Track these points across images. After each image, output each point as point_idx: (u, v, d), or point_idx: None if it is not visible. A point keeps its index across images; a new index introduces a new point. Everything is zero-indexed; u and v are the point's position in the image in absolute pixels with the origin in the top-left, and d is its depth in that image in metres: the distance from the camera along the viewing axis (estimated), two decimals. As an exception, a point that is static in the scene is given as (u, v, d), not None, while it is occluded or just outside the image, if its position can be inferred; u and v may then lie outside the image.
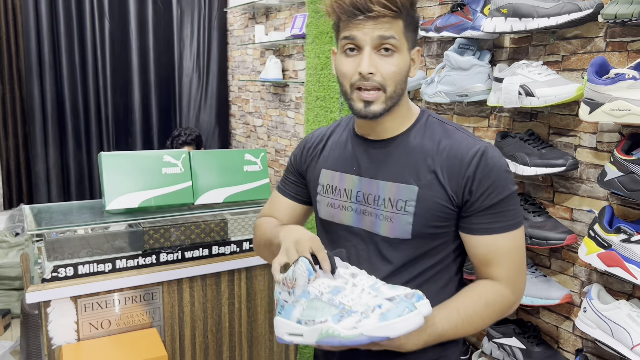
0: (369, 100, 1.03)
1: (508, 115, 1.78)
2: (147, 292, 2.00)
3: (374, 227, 1.11)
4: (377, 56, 1.01)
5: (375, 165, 1.11)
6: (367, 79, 1.01)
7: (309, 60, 2.64)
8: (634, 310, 1.36)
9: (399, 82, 1.04)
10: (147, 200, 2.08)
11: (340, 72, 1.05)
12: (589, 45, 1.51)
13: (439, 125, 1.11)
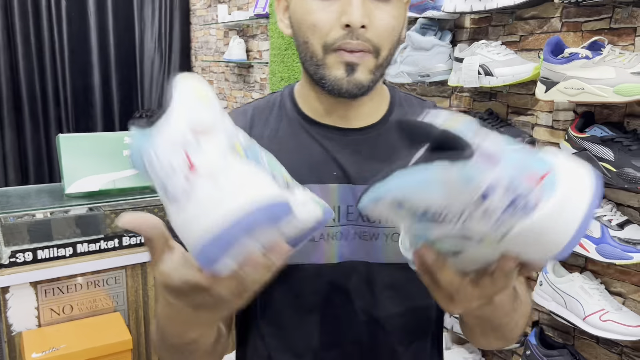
0: (353, 62, 0.69)
1: (468, 95, 1.81)
2: (110, 277, 1.97)
3: (372, 255, 0.76)
4: (370, 1, 0.68)
5: (367, 165, 0.76)
6: (357, 35, 0.67)
7: (272, 40, 2.62)
8: (586, 282, 1.42)
9: (394, 43, 0.73)
10: (108, 183, 2.04)
11: (309, 25, 0.69)
12: (546, 25, 1.54)
13: (415, 101, 0.87)
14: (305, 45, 0.71)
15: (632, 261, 1.28)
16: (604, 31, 1.40)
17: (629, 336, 1.31)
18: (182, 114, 0.42)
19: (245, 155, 0.43)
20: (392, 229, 0.76)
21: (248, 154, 0.44)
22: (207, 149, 0.41)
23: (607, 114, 1.42)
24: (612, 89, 1.26)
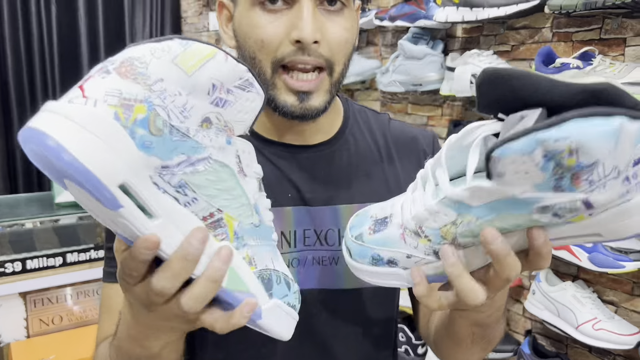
0: (307, 90, 0.64)
1: (460, 104, 1.82)
2: (100, 287, 1.95)
3: (332, 281, 0.72)
4: (320, 13, 0.63)
5: (324, 184, 0.72)
6: (310, 51, 0.62)
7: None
8: (579, 291, 1.42)
9: (348, 56, 0.67)
10: (98, 192, 2.03)
11: (256, 40, 0.63)
12: (537, 35, 1.56)
13: (370, 114, 0.81)
14: (253, 61, 0.64)
15: (624, 270, 1.28)
16: (594, 41, 1.42)
17: (621, 345, 1.32)
18: (145, 48, 0.44)
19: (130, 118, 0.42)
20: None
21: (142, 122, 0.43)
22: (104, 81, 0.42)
23: (598, 124, 1.43)
24: (603, 99, 1.27)
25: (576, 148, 0.38)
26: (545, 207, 0.43)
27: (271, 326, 0.51)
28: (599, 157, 0.39)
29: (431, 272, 0.52)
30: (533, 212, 0.44)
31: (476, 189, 0.44)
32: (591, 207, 0.42)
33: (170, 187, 0.44)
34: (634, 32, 1.33)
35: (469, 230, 0.47)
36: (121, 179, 0.40)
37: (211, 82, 0.45)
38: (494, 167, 0.42)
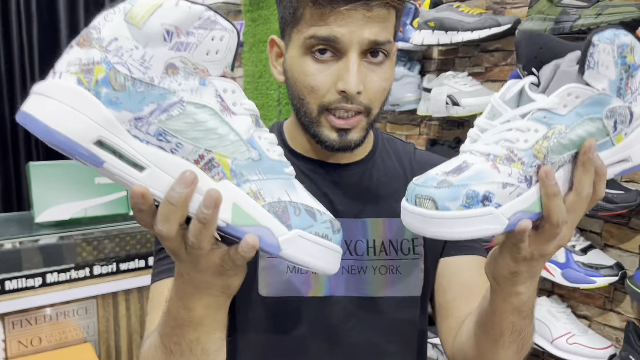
0: (346, 128, 0.71)
1: (437, 124, 1.87)
2: (81, 307, 1.94)
3: (360, 289, 0.77)
4: (364, 65, 0.70)
5: (354, 199, 0.79)
6: (352, 100, 0.69)
7: (246, 69, 2.65)
8: (554, 306, 1.46)
9: (384, 101, 0.75)
10: (79, 211, 2.02)
11: (306, 85, 0.70)
12: (510, 57, 1.61)
13: (398, 142, 0.89)
14: (301, 102, 0.72)
15: (595, 285, 1.32)
16: (564, 64, 1.47)
17: (594, 358, 1.35)
18: (100, 16, 0.48)
19: (90, 80, 0.46)
20: (379, 261, 0.78)
21: (102, 81, 0.47)
22: (66, 55, 0.47)
23: (569, 143, 1.48)
24: (572, 119, 1.32)
25: (634, 45, 0.52)
26: (612, 109, 0.53)
27: (297, 258, 0.51)
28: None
29: (521, 207, 0.52)
30: (604, 115, 0.53)
31: (572, 89, 0.51)
32: (632, 118, 0.54)
33: (151, 137, 0.46)
34: (601, 56, 1.39)
35: (559, 144, 0.52)
36: (95, 137, 0.44)
37: (164, 28, 0.46)
38: (591, 56, 0.50)
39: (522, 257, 0.55)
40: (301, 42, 0.70)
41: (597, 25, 1.27)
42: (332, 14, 0.66)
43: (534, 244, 0.54)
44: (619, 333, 1.39)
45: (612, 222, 1.40)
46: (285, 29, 0.74)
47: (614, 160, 0.55)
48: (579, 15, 1.31)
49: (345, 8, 0.65)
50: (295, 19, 0.70)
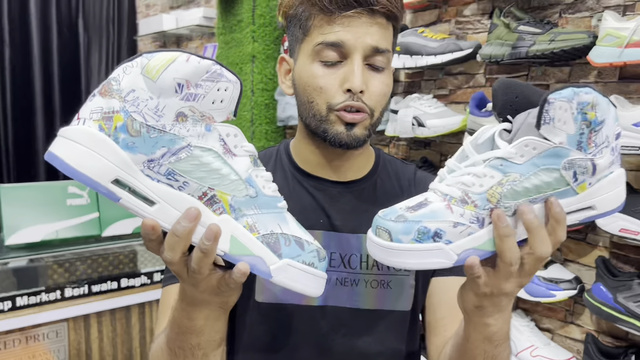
0: (353, 122, 0.77)
1: (405, 144, 1.92)
2: (51, 330, 1.92)
3: (353, 301, 0.82)
4: (367, 70, 0.78)
5: (352, 215, 0.84)
6: (356, 98, 0.77)
7: (219, 90, 2.68)
8: (518, 320, 1.50)
9: (385, 106, 0.82)
10: (51, 233, 2.01)
11: (314, 87, 0.78)
12: (472, 80, 1.68)
13: (398, 163, 0.95)
14: (311, 104, 0.79)
15: (555, 299, 1.37)
16: (522, 87, 1.54)
17: (557, 370, 1.40)
18: (119, 68, 0.56)
19: (110, 126, 0.54)
20: (371, 275, 0.82)
21: (121, 127, 0.54)
22: (88, 103, 0.55)
23: (529, 162, 1.54)
24: (530, 140, 1.38)
25: (596, 103, 0.54)
26: (571, 161, 0.56)
27: (286, 284, 0.59)
28: (605, 118, 0.55)
29: (472, 245, 0.57)
30: (562, 167, 0.56)
31: (529, 141, 0.56)
32: (595, 170, 0.57)
33: (161, 176, 0.54)
34: (556, 79, 1.46)
35: (513, 190, 0.56)
36: (113, 176, 0.52)
37: (176, 81, 0.53)
38: (547, 112, 0.54)
39: (483, 293, 0.60)
40: (310, 49, 0.78)
41: (550, 50, 1.34)
42: (339, 19, 0.75)
43: (492, 281, 0.59)
44: (579, 345, 1.44)
45: (570, 237, 1.45)
46: (294, 47, 0.83)
47: (577, 207, 0.58)
48: (534, 41, 1.38)
49: (350, 12, 0.74)
50: (305, 31, 0.79)
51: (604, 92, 1.33)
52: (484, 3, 1.64)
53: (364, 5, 0.74)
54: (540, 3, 1.48)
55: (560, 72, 1.45)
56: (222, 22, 2.60)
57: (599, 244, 1.39)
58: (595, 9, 1.36)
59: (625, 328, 1.22)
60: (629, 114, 1.19)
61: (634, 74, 1.30)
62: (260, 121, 2.47)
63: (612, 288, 1.25)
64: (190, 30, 3.33)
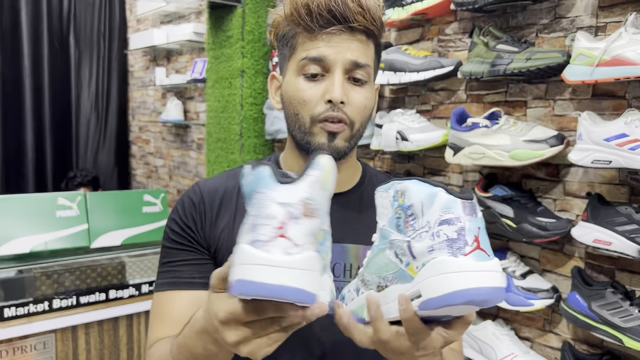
0: (334, 131, 0.83)
1: (390, 157, 1.97)
2: (39, 341, 1.93)
3: None
4: (348, 84, 0.83)
5: (338, 226, 0.84)
6: (337, 109, 0.82)
7: (209, 104, 2.72)
8: (498, 329, 1.54)
9: (366, 119, 0.87)
10: (39, 244, 2.02)
11: (299, 100, 0.83)
12: (453, 97, 1.74)
13: (380, 175, 1.00)
14: (296, 117, 0.85)
15: (533, 308, 1.42)
16: (501, 103, 1.60)
17: (535, 377, 1.44)
18: (307, 188, 0.55)
19: (319, 244, 0.56)
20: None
21: (322, 243, 0.58)
22: (300, 227, 0.54)
23: (508, 175, 1.59)
24: (508, 154, 1.43)
25: (404, 190, 0.59)
26: (391, 242, 0.60)
27: None
28: (413, 203, 0.58)
29: (351, 307, 0.67)
30: (386, 246, 0.61)
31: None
32: (412, 252, 0.58)
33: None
34: (533, 96, 1.52)
35: (370, 267, 0.66)
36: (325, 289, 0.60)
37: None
38: (376, 200, 0.64)
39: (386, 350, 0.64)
40: (295, 65, 0.84)
41: (527, 68, 1.40)
42: (321, 36, 0.81)
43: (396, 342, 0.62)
44: (557, 353, 1.48)
45: (548, 248, 1.50)
46: (283, 65, 0.88)
47: (413, 294, 0.58)
48: (511, 59, 1.44)
49: (331, 30, 0.80)
50: (291, 49, 0.85)
51: (578, 108, 1.39)
52: (465, 22, 1.70)
53: (344, 22, 0.79)
54: (518, 23, 1.55)
55: (537, 89, 1.51)
56: (212, 37, 2.65)
57: (575, 255, 1.44)
58: (570, 30, 1.43)
59: (599, 335, 1.27)
60: (601, 130, 1.25)
61: (605, 91, 1.36)
62: (249, 134, 2.51)
63: (586, 297, 1.30)
64: (180, 45, 3.38)
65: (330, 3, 0.79)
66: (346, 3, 0.79)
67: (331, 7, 0.79)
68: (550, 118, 1.48)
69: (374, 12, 0.81)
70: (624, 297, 1.25)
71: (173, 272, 0.86)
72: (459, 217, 0.54)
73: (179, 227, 0.88)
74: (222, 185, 0.91)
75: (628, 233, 1.21)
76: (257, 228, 0.53)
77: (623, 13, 1.32)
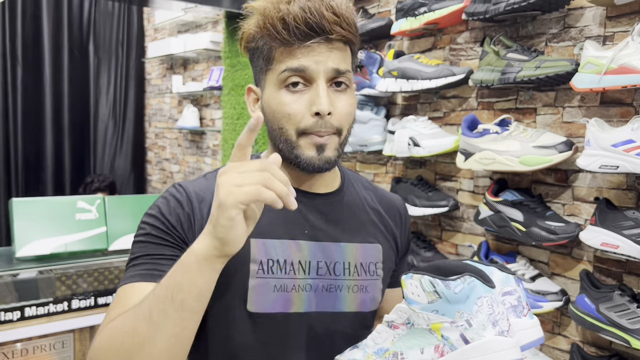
0: (323, 144, 0.82)
1: (402, 163, 2.01)
2: (58, 341, 1.98)
3: (336, 305, 0.88)
4: (331, 92, 0.82)
5: (332, 226, 0.90)
6: (325, 121, 0.81)
7: (225, 111, 2.78)
8: (508, 331, 1.57)
9: (351, 125, 0.87)
10: (59, 246, 2.07)
11: (283, 114, 0.82)
12: (465, 104, 1.77)
13: (357, 176, 1.02)
14: (281, 130, 0.83)
15: (542, 310, 1.44)
16: (512, 110, 1.64)
17: (544, 379, 1.46)
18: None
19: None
20: (353, 281, 0.88)
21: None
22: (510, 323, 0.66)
23: (518, 181, 1.63)
24: (518, 159, 1.47)
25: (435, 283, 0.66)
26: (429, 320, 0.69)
27: None
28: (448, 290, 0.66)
29: None
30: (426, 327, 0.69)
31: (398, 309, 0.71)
32: (470, 323, 0.66)
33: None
34: (543, 103, 1.56)
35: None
36: None
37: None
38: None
39: None
40: (275, 78, 0.82)
41: (536, 76, 1.43)
42: (299, 49, 0.79)
43: None
44: (566, 355, 1.51)
45: (557, 252, 1.53)
46: (259, 77, 0.87)
47: None
48: (521, 67, 1.48)
49: (309, 42, 0.79)
50: (268, 62, 0.83)
51: (586, 115, 1.43)
52: (476, 32, 1.74)
53: (322, 34, 0.79)
54: (528, 33, 1.59)
55: (546, 96, 1.55)
56: (229, 46, 2.71)
57: (584, 258, 1.47)
58: (578, 39, 1.46)
59: (607, 337, 1.29)
60: (608, 136, 1.28)
61: (613, 98, 1.39)
62: (263, 141, 2.56)
63: (594, 299, 1.33)
64: (197, 54, 3.45)
65: (306, 15, 0.78)
66: (322, 13, 0.78)
67: (307, 19, 0.77)
68: (559, 125, 1.52)
69: (349, 19, 0.81)
70: (631, 300, 1.27)
71: (150, 265, 0.80)
72: (515, 289, 0.69)
73: (163, 225, 0.83)
74: (206, 188, 0.87)
75: (635, 236, 1.24)
76: (498, 323, 0.63)
77: (630, 23, 1.35)
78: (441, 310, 0.66)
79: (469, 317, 0.64)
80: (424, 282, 0.66)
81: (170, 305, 0.67)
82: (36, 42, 3.91)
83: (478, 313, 0.64)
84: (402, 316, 0.70)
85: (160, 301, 0.68)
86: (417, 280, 0.67)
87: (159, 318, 0.68)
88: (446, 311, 0.65)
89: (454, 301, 0.65)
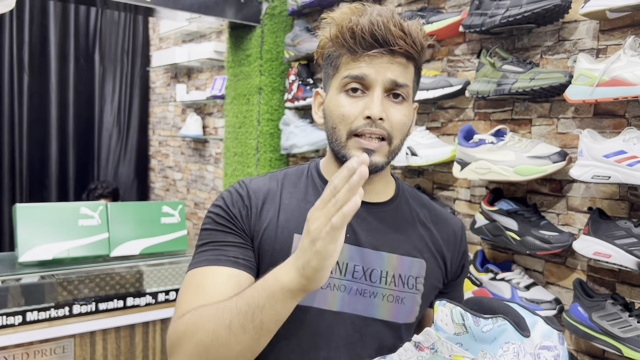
0: (371, 149, 0.87)
1: (400, 172, 2.03)
2: (59, 345, 1.99)
3: (368, 310, 0.91)
4: (387, 101, 0.87)
5: (375, 234, 0.93)
6: (376, 125, 0.86)
7: (228, 119, 2.82)
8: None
9: (404, 136, 0.91)
10: (62, 251, 2.09)
11: (338, 115, 0.88)
12: (462, 114, 1.80)
13: (416, 193, 1.04)
14: (334, 130, 0.89)
15: (536, 318, 1.45)
16: (507, 121, 1.66)
17: (539, 388, 1.47)
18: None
19: None
20: (389, 290, 0.91)
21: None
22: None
23: (513, 190, 1.65)
24: (512, 169, 1.49)
25: (464, 315, 0.67)
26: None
27: None
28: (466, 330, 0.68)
29: None
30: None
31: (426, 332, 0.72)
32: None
33: None
34: (538, 114, 1.58)
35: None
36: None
37: None
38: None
39: None
40: (338, 83, 0.89)
41: (531, 87, 1.46)
42: (363, 57, 0.85)
43: None
44: (560, 364, 1.52)
45: (551, 261, 1.55)
46: (326, 82, 0.93)
47: None
48: (516, 79, 1.50)
49: (373, 52, 0.84)
50: (335, 69, 0.90)
51: (580, 126, 1.45)
52: (473, 44, 1.77)
53: (385, 46, 0.84)
54: (524, 45, 1.61)
55: (541, 107, 1.57)
56: (232, 56, 2.75)
57: (578, 268, 1.48)
58: (572, 52, 1.49)
59: (599, 346, 1.30)
60: (600, 146, 1.30)
61: (606, 110, 1.42)
62: (265, 149, 2.59)
63: (587, 308, 1.34)
64: (201, 63, 3.49)
65: (373, 27, 0.83)
66: (388, 28, 0.83)
67: (374, 31, 0.83)
68: (554, 135, 1.54)
69: (415, 36, 0.85)
70: (624, 309, 1.29)
71: (216, 251, 0.88)
72: (556, 346, 0.66)
73: (226, 214, 0.91)
74: (266, 186, 0.95)
75: (627, 246, 1.26)
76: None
77: (623, 36, 1.38)
78: (465, 345, 0.66)
79: (491, 359, 0.63)
80: (454, 312, 0.67)
81: (249, 322, 0.74)
82: (43, 50, 3.96)
83: (501, 357, 0.63)
84: (429, 340, 0.71)
85: (242, 316, 0.75)
86: (448, 309, 0.68)
87: (238, 331, 0.75)
88: (470, 347, 0.65)
89: (480, 339, 0.65)
